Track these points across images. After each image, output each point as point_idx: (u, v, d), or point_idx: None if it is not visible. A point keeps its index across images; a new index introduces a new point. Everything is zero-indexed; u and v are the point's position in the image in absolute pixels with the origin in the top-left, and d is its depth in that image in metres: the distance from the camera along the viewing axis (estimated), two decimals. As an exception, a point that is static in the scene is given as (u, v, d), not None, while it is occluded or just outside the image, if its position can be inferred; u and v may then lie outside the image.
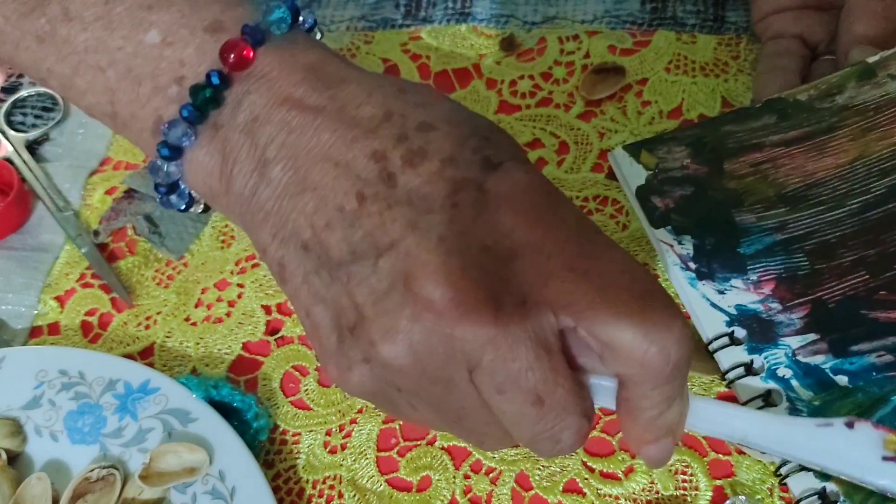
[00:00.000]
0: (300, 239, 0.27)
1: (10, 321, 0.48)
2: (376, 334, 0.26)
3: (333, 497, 0.41)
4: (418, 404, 0.28)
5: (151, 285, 0.49)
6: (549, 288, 0.25)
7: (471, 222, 0.26)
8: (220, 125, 0.29)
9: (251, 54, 0.29)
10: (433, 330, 0.25)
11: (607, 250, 0.27)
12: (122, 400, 0.42)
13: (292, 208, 0.27)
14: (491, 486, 0.40)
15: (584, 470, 0.40)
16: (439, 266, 0.25)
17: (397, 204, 0.26)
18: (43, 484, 0.40)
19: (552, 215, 0.26)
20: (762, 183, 0.42)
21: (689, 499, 0.39)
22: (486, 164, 0.27)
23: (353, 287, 0.26)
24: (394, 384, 0.27)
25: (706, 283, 0.41)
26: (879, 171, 0.41)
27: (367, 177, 0.26)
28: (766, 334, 0.39)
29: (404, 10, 0.59)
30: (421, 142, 0.27)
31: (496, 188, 0.26)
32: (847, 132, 0.43)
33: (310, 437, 0.43)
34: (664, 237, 0.42)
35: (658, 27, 0.56)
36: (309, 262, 0.27)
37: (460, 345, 0.25)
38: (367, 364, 0.27)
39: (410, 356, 0.26)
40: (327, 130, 0.27)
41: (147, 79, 0.30)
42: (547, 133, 0.52)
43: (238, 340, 0.46)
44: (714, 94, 0.52)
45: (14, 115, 0.58)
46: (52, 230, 0.52)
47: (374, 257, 0.26)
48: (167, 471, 0.40)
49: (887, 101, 0.43)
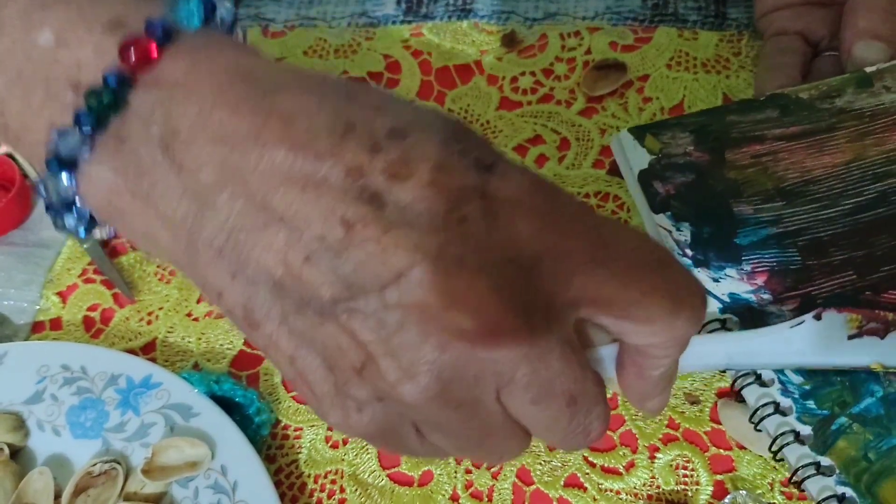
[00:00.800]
0: (271, 278, 0.23)
1: (13, 316, 0.48)
2: (393, 374, 0.23)
3: (335, 492, 0.41)
4: (432, 435, 0.26)
5: (153, 281, 0.49)
6: (573, 286, 0.24)
7: (486, 236, 0.23)
8: (125, 138, 0.25)
9: (155, 52, 0.25)
10: (461, 359, 0.23)
11: (615, 231, 0.25)
12: (124, 395, 0.42)
13: (255, 243, 0.23)
14: (492, 481, 0.40)
15: (585, 465, 0.40)
16: (465, 291, 0.23)
17: (393, 227, 0.23)
18: (45, 478, 0.40)
19: (562, 212, 0.25)
20: (762, 175, 0.43)
21: (690, 493, 0.39)
22: (479, 166, 0.24)
23: (354, 325, 0.23)
24: (408, 418, 0.25)
25: (702, 270, 0.41)
26: (872, 175, 0.42)
27: (347, 198, 0.23)
28: (758, 324, 0.39)
29: (405, 7, 0.59)
30: (398, 151, 0.23)
31: (502, 193, 0.24)
32: (845, 133, 0.44)
33: (311, 432, 0.43)
34: (663, 223, 0.43)
35: (659, 24, 0.56)
36: (286, 303, 0.24)
37: (492, 366, 0.23)
38: (380, 402, 0.24)
39: (435, 390, 0.23)
40: (279, 147, 0.23)
41: (40, 85, 0.26)
42: (548, 129, 0.52)
43: (240, 336, 0.46)
44: (715, 90, 0.52)
45: (16, 110, 0.57)
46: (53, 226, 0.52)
47: (378, 290, 0.23)
48: (169, 465, 0.40)
49: (882, 110, 0.44)
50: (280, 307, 0.24)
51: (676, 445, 0.40)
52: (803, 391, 0.38)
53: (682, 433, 0.41)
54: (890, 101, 0.45)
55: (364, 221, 0.23)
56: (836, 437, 0.37)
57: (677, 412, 0.41)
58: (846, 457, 0.36)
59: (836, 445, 0.37)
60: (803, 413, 0.37)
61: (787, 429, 0.37)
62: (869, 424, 0.37)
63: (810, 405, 0.37)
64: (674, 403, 0.41)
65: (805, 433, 0.37)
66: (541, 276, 0.24)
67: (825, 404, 0.37)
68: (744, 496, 0.38)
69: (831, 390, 0.37)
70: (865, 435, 0.36)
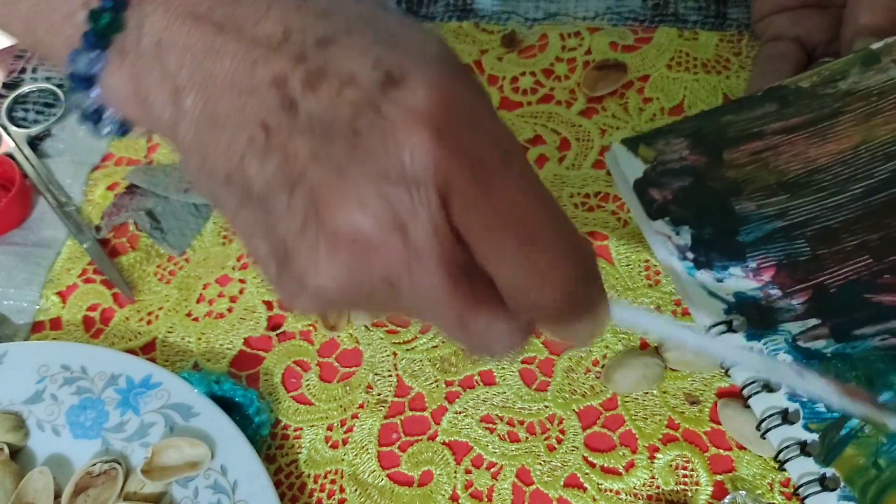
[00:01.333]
0: (222, 173, 0.27)
1: (12, 316, 0.48)
2: (301, 269, 0.26)
3: (335, 492, 0.41)
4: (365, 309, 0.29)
5: (153, 281, 0.49)
6: (453, 208, 0.25)
7: (369, 151, 0.25)
8: (127, 51, 0.28)
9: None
10: (350, 261, 0.25)
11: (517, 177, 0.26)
12: (123, 395, 0.42)
13: (209, 142, 0.27)
14: (492, 481, 0.40)
15: (585, 465, 0.40)
16: (341, 200, 0.25)
17: (300, 133, 0.25)
18: (45, 478, 0.40)
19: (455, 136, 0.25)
20: (763, 171, 0.42)
21: (689, 494, 0.39)
22: (386, 80, 0.25)
23: (274, 222, 0.26)
24: (334, 305, 0.28)
25: (704, 271, 0.41)
26: (883, 155, 0.41)
27: (269, 105, 0.26)
28: (766, 321, 0.39)
29: (406, 7, 0.59)
30: (319, 61, 0.26)
31: (393, 112, 0.25)
32: (850, 117, 0.43)
33: (311, 432, 0.43)
34: (662, 228, 0.42)
35: (660, 24, 0.56)
36: (234, 196, 0.27)
37: (379, 271, 0.26)
38: (304, 292, 0.27)
39: (336, 286, 0.26)
40: (228, 54, 0.26)
41: (58, 6, 0.29)
42: (548, 130, 0.52)
43: (239, 336, 0.46)
44: (716, 90, 0.52)
45: (16, 110, 0.58)
46: (53, 226, 0.52)
47: (288, 191, 0.25)
48: (169, 465, 0.40)
49: (891, 86, 0.43)
50: (232, 200, 0.27)
51: (676, 446, 0.40)
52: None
53: (682, 433, 0.41)
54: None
55: (279, 128, 0.25)
56: (845, 443, 0.36)
57: (677, 412, 0.41)
58: (853, 466, 0.35)
59: (844, 453, 0.36)
60: (811, 418, 0.37)
61: (793, 441, 0.37)
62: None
63: (819, 408, 0.37)
64: (674, 403, 0.41)
65: (811, 441, 0.36)
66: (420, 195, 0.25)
67: None
68: (743, 496, 0.38)
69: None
70: (878, 437, 0.35)
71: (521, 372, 0.43)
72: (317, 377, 0.45)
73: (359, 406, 0.43)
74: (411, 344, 0.45)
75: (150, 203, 0.51)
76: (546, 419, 0.42)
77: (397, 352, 0.45)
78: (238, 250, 0.49)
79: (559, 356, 0.43)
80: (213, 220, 0.51)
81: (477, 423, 0.42)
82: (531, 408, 0.42)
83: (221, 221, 0.51)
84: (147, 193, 0.52)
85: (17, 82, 0.59)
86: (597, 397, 0.42)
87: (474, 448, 0.41)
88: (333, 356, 0.45)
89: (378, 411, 0.43)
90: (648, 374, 0.41)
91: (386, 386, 0.44)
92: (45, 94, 0.58)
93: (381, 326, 0.46)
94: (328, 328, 0.45)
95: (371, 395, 0.44)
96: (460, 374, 0.44)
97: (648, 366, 0.41)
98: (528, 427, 0.42)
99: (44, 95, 0.58)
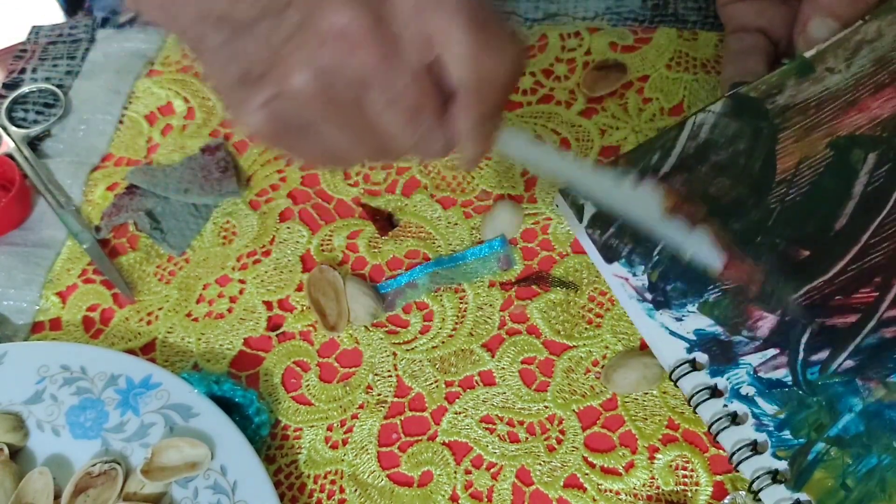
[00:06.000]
0: (216, 13, 0.31)
1: (12, 317, 0.48)
2: (289, 67, 0.30)
3: (335, 492, 0.41)
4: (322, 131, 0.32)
5: (153, 281, 0.49)
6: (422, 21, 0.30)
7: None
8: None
9: None
10: (333, 55, 0.29)
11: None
12: (123, 395, 0.42)
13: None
14: (492, 482, 0.40)
15: (584, 465, 0.40)
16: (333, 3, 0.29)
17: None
18: (45, 478, 0.40)
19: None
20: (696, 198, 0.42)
21: (689, 494, 0.39)
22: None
23: (270, 36, 0.30)
24: (299, 117, 0.31)
25: (663, 311, 0.41)
26: (825, 168, 0.40)
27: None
28: (727, 355, 0.39)
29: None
30: None
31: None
32: (790, 133, 0.42)
33: (311, 433, 0.43)
34: (618, 271, 0.42)
35: (659, 24, 0.56)
36: (225, 30, 0.31)
37: (358, 68, 0.30)
38: (277, 100, 0.31)
39: (318, 81, 0.30)
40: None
41: None
42: (548, 130, 0.52)
43: (239, 336, 0.46)
44: (715, 90, 0.52)
45: (16, 111, 0.58)
46: (53, 226, 0.52)
47: (284, 7, 0.30)
48: (169, 465, 0.40)
49: (829, 95, 0.42)
50: (221, 35, 0.31)
51: (676, 446, 0.40)
52: (777, 422, 0.37)
53: (682, 434, 0.41)
54: (835, 85, 0.42)
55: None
56: (813, 468, 0.35)
57: (677, 413, 0.41)
58: (823, 488, 0.35)
59: (813, 477, 0.35)
60: (779, 446, 0.36)
61: (763, 471, 0.36)
62: (847, 446, 0.35)
63: (786, 436, 0.36)
64: (673, 404, 0.41)
65: (782, 468, 0.36)
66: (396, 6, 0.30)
67: (801, 431, 0.36)
68: (743, 497, 0.38)
69: (807, 414, 0.36)
70: (844, 459, 0.35)
71: (521, 372, 0.43)
72: (316, 377, 0.45)
73: (359, 406, 0.43)
74: (411, 344, 0.45)
75: (149, 203, 0.51)
76: (546, 419, 0.42)
77: (397, 352, 0.45)
78: (238, 250, 0.49)
79: (559, 357, 0.44)
80: (213, 220, 0.51)
81: (477, 423, 0.42)
82: (531, 408, 0.42)
83: (221, 222, 0.51)
84: (147, 194, 0.52)
85: (17, 82, 0.59)
86: (597, 398, 0.42)
87: (474, 448, 0.41)
88: (333, 356, 0.45)
89: (378, 412, 0.43)
90: (648, 374, 0.41)
91: (386, 386, 0.44)
92: (45, 94, 0.58)
93: (381, 327, 0.46)
94: (328, 328, 0.45)
95: (371, 395, 0.44)
96: (460, 374, 0.44)
97: (648, 366, 0.41)
98: (528, 427, 0.42)
99: (44, 95, 0.58)
